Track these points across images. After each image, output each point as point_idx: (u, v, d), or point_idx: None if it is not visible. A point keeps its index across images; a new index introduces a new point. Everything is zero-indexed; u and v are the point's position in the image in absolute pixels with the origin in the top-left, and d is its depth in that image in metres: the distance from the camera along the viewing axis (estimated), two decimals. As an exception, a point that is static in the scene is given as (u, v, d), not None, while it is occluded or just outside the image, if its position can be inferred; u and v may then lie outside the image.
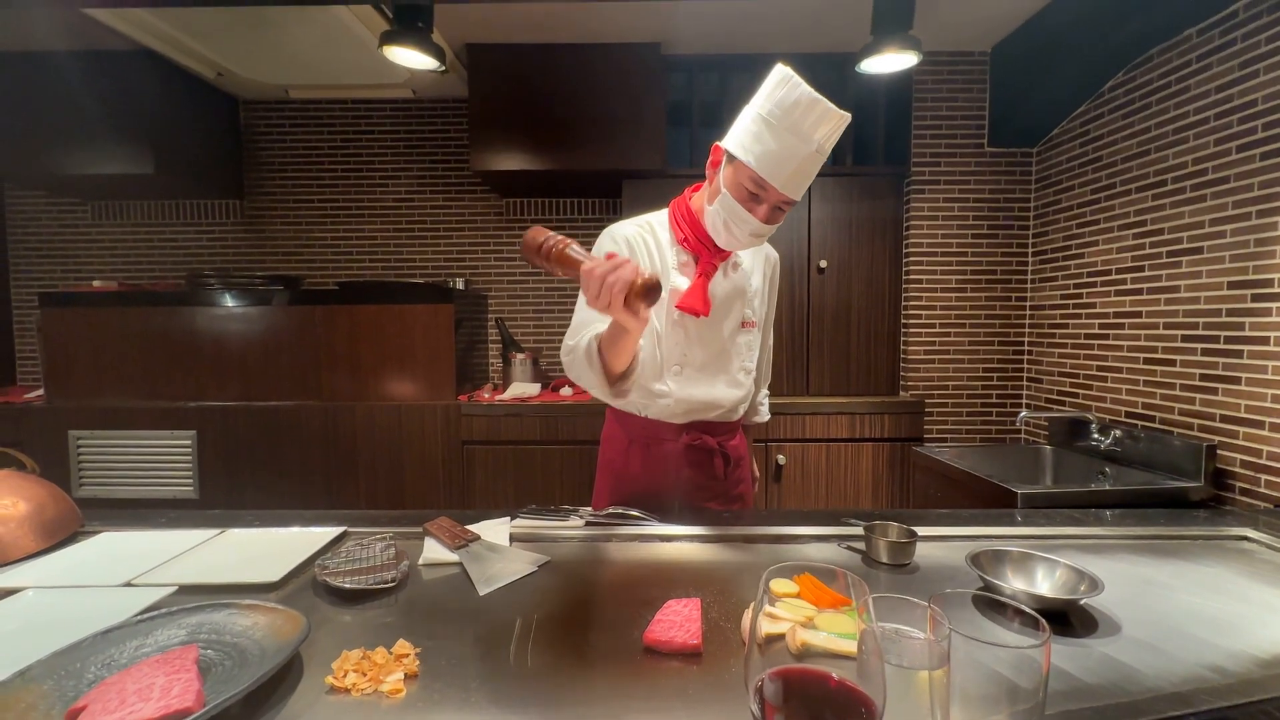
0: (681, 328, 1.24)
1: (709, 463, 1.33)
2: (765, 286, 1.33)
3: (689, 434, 1.31)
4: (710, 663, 0.74)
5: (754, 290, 1.29)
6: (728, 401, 1.29)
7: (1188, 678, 0.71)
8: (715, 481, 1.34)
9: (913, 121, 2.36)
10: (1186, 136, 1.68)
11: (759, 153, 1.05)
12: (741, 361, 1.29)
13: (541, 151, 2.32)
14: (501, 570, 1.01)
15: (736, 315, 1.27)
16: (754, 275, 1.29)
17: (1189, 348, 1.68)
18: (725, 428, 1.34)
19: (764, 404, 1.46)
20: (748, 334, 1.29)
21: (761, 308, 1.31)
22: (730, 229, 1.12)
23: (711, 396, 1.27)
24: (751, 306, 1.28)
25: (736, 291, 1.26)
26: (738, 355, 1.29)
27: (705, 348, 1.26)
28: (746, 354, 1.30)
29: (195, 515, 1.28)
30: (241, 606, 0.81)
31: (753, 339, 1.30)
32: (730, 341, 1.27)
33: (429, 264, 2.82)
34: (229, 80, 2.53)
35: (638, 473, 1.34)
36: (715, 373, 1.28)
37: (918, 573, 1.01)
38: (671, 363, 1.25)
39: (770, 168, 1.04)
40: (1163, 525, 1.23)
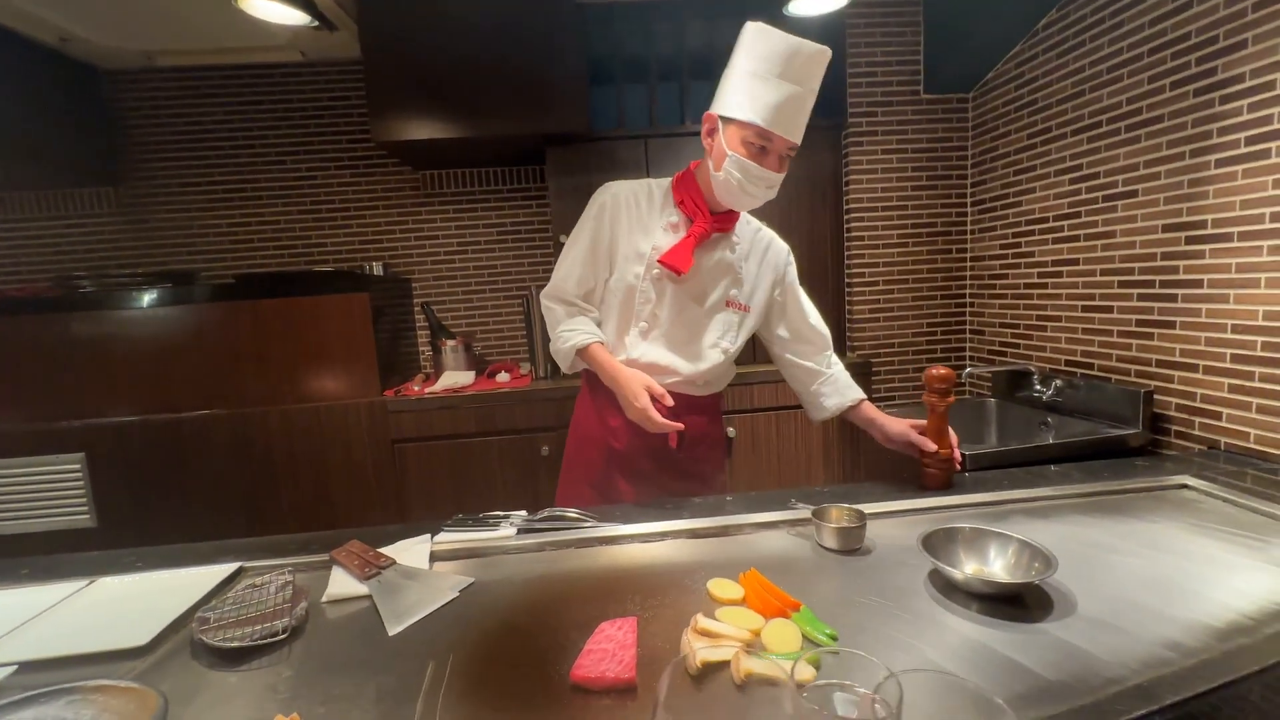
0: (658, 288, 1.23)
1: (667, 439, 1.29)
2: (772, 275, 1.30)
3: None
4: (646, 697, 0.66)
5: (748, 274, 1.27)
6: (685, 371, 1.26)
7: (1147, 660, 0.67)
8: (667, 452, 1.30)
9: (847, 70, 2.26)
10: (1120, 75, 1.64)
11: (758, 108, 1.07)
12: (716, 338, 1.27)
13: (450, 117, 2.11)
14: (417, 602, 0.90)
15: (722, 291, 1.25)
16: (750, 260, 1.28)
17: (1125, 293, 1.68)
18: (685, 400, 1.28)
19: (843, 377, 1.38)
20: (732, 314, 1.27)
21: (759, 296, 1.29)
22: (745, 188, 1.13)
23: (669, 361, 1.25)
24: (741, 289, 1.27)
25: (725, 267, 1.24)
26: (714, 330, 1.26)
27: (679, 313, 1.25)
28: (724, 332, 1.27)
29: (66, 562, 1.12)
30: (85, 691, 0.67)
31: (737, 321, 1.28)
32: (708, 314, 1.26)
33: (342, 248, 2.58)
34: (80, 47, 2.18)
35: (597, 434, 1.33)
36: (684, 341, 1.26)
37: (870, 556, 0.96)
38: (640, 319, 1.25)
39: (772, 118, 1.07)
40: (1106, 479, 1.22)
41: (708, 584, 0.88)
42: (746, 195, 1.15)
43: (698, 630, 0.74)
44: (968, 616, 0.78)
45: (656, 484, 1.34)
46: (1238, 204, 1.38)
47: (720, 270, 1.25)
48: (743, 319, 1.28)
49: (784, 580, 0.87)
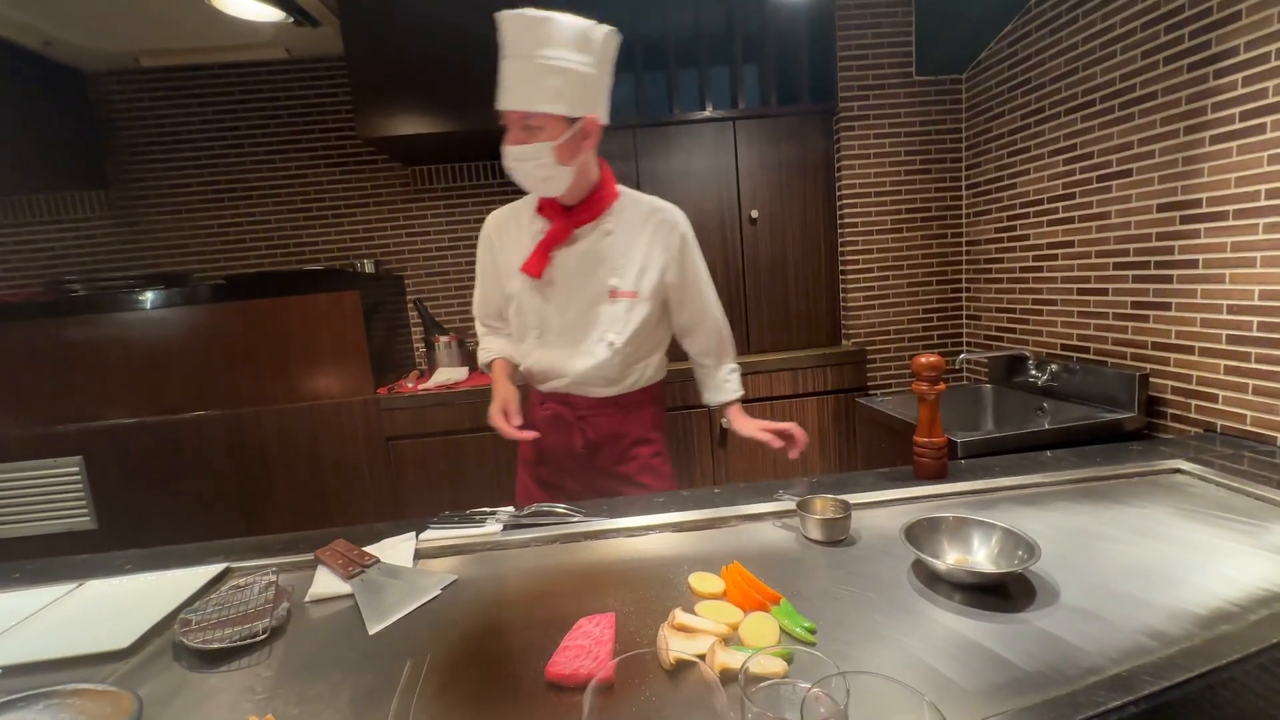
0: (539, 293, 1.25)
1: (568, 436, 1.31)
2: (664, 255, 1.26)
3: (549, 403, 1.33)
4: (623, 693, 0.65)
5: (632, 258, 1.24)
6: (574, 371, 1.26)
7: (1128, 649, 0.67)
8: (575, 457, 1.33)
9: (838, 53, 2.22)
10: (1113, 51, 1.60)
11: (499, 91, 1.10)
12: (603, 332, 1.25)
13: (435, 111, 2.09)
14: (399, 600, 0.90)
15: (598, 283, 1.23)
16: (636, 243, 1.24)
17: (1120, 275, 1.65)
18: (588, 402, 1.30)
19: (730, 381, 1.41)
20: (617, 304, 1.24)
21: (650, 278, 1.25)
22: (516, 173, 1.14)
23: (555, 364, 1.27)
24: (621, 276, 1.23)
25: (596, 259, 1.22)
26: (599, 325, 1.25)
27: (560, 314, 1.25)
28: (611, 325, 1.25)
29: (57, 565, 1.13)
30: (63, 695, 0.68)
31: (624, 310, 1.25)
32: (591, 309, 1.24)
33: (333, 246, 2.57)
34: (63, 50, 2.17)
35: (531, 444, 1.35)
36: (572, 341, 1.26)
37: (854, 547, 0.96)
38: (531, 328, 1.28)
39: (501, 97, 1.09)
40: (1099, 465, 1.21)
41: (689, 578, 0.87)
42: (524, 180, 1.15)
43: (675, 626, 0.74)
44: (949, 607, 0.77)
45: (583, 482, 1.36)
46: (1233, 181, 1.35)
47: (591, 262, 1.23)
48: (631, 306, 1.24)
49: (767, 573, 0.87)
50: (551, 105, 1.07)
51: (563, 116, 1.08)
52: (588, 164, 1.19)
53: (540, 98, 1.07)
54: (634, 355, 1.28)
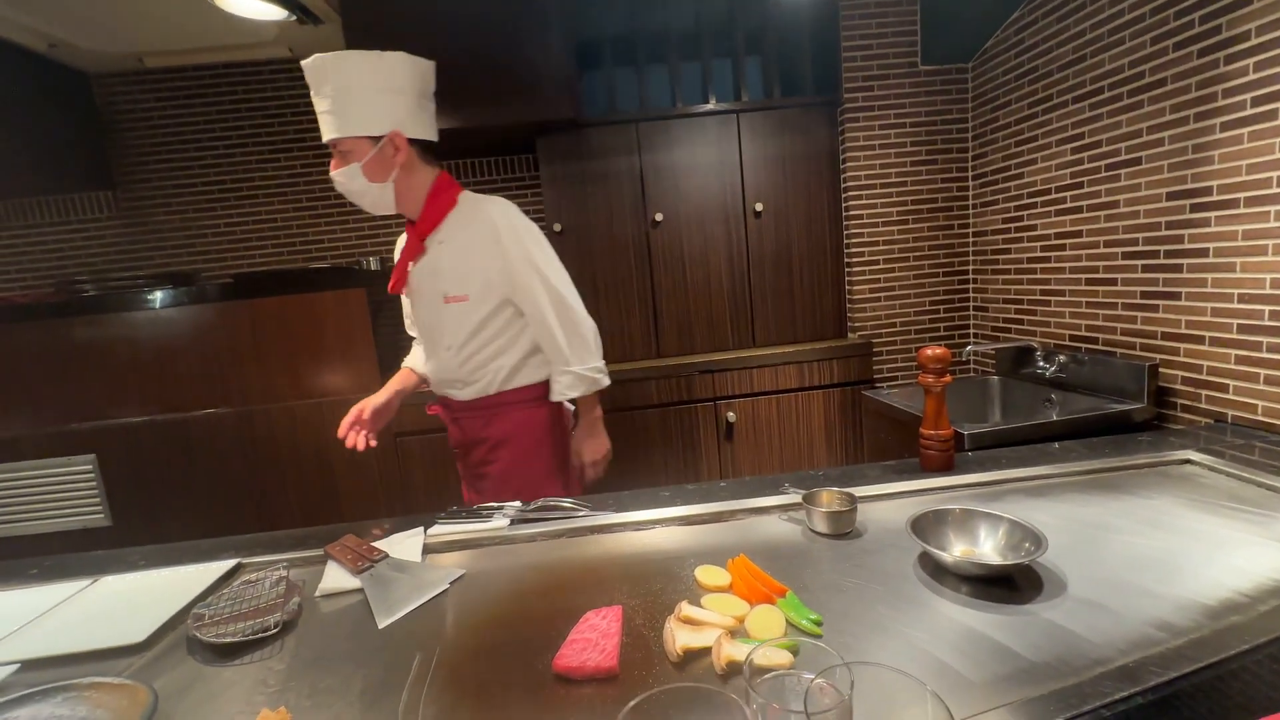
0: (412, 304, 1.41)
1: (450, 440, 1.46)
2: (485, 254, 1.28)
3: (437, 404, 1.46)
4: (628, 685, 0.66)
5: (456, 262, 1.29)
6: (431, 375, 1.40)
7: (1135, 641, 0.66)
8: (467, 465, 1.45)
9: (841, 43, 2.20)
10: (1122, 37, 1.58)
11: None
12: (445, 337, 1.32)
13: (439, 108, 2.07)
14: (408, 594, 0.91)
15: (435, 291, 1.30)
16: (462, 250, 1.29)
17: (1129, 265, 1.63)
18: (457, 404, 1.39)
19: (562, 379, 1.35)
20: (454, 309, 1.30)
21: (476, 280, 1.29)
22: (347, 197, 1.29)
23: (424, 371, 1.44)
24: (451, 280, 1.29)
25: (434, 268, 1.30)
26: (443, 331, 1.32)
27: (424, 325, 1.38)
28: (448, 330, 1.32)
29: (73, 561, 1.15)
30: (80, 689, 0.69)
31: (457, 314, 1.30)
32: (435, 317, 1.32)
33: (339, 245, 2.58)
34: (68, 52, 2.18)
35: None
36: (430, 347, 1.38)
37: (860, 539, 0.96)
38: (417, 337, 1.46)
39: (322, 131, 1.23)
40: (1107, 456, 1.20)
41: (695, 571, 0.88)
42: (357, 201, 1.28)
43: (681, 618, 0.74)
44: (956, 599, 0.77)
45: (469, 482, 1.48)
46: (1244, 168, 1.33)
47: (431, 271, 1.30)
48: (464, 310, 1.29)
49: (773, 566, 0.87)
50: (353, 129, 1.18)
51: (366, 137, 1.19)
52: (412, 178, 1.27)
53: (341, 125, 1.18)
54: (479, 358, 1.32)
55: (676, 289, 2.31)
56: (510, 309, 1.33)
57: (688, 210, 2.27)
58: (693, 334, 2.34)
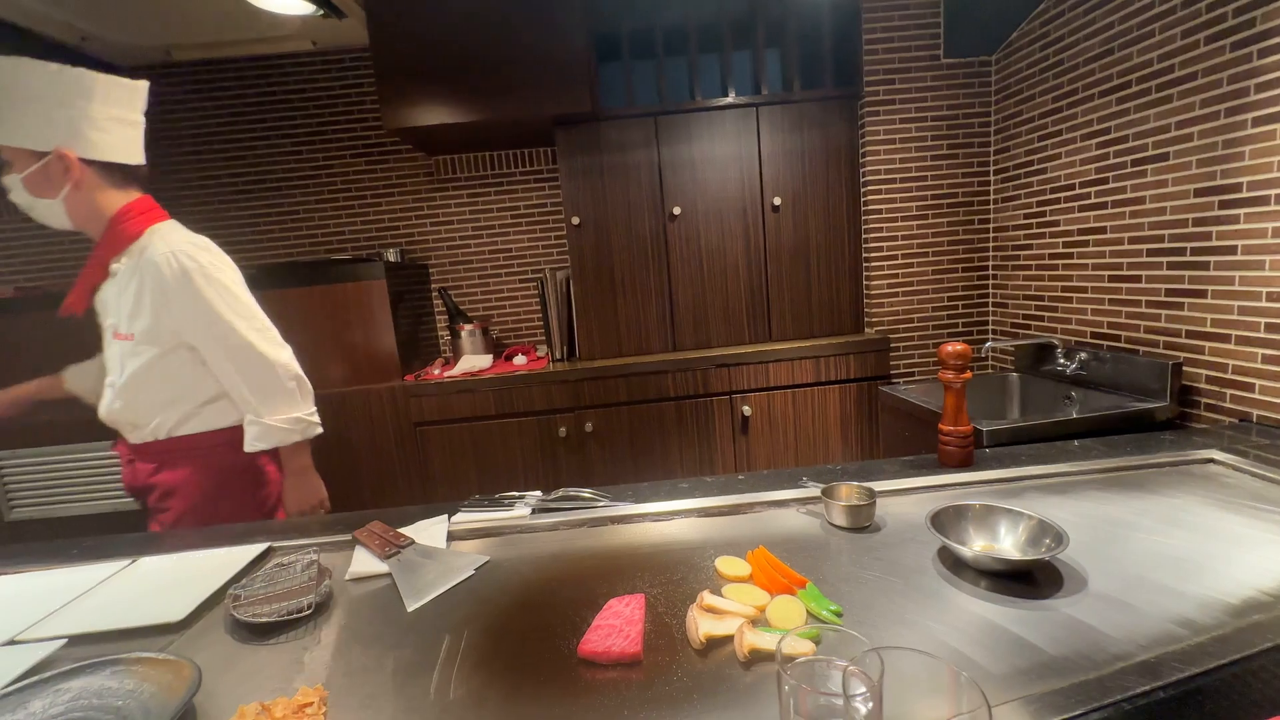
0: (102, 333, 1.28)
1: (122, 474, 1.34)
2: (153, 298, 1.18)
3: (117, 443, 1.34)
4: (651, 670, 0.68)
5: (126, 300, 1.21)
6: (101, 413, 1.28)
7: (1157, 637, 0.67)
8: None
9: (863, 36, 2.18)
10: (1152, 30, 1.55)
11: None
12: (110, 374, 1.25)
13: (459, 101, 2.11)
14: (434, 579, 0.93)
15: (105, 324, 1.26)
16: (131, 286, 1.20)
17: (1154, 262, 1.61)
18: (133, 448, 1.29)
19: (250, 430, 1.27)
20: (119, 346, 1.23)
21: (143, 321, 1.20)
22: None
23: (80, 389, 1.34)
24: (119, 317, 1.22)
25: (105, 300, 1.25)
26: (111, 367, 1.24)
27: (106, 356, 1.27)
28: (114, 367, 1.24)
29: (112, 543, 1.18)
30: (128, 663, 0.72)
31: (121, 353, 1.22)
32: (107, 349, 1.26)
33: (359, 236, 2.62)
34: (99, 45, 2.23)
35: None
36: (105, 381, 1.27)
37: (879, 534, 0.96)
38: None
39: None
40: (1129, 454, 1.19)
41: (715, 561, 0.89)
42: (26, 212, 1.19)
43: (703, 607, 0.76)
44: (975, 594, 0.78)
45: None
46: (1275, 165, 1.31)
47: (102, 304, 1.25)
48: (128, 350, 1.20)
49: (792, 558, 0.88)
50: (11, 139, 1.12)
51: (28, 150, 1.12)
52: (91, 198, 1.18)
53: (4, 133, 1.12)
54: (146, 402, 1.23)
55: (693, 282, 2.32)
56: (189, 353, 1.24)
57: (705, 204, 2.27)
58: (709, 328, 2.35)
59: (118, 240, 1.21)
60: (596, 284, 2.30)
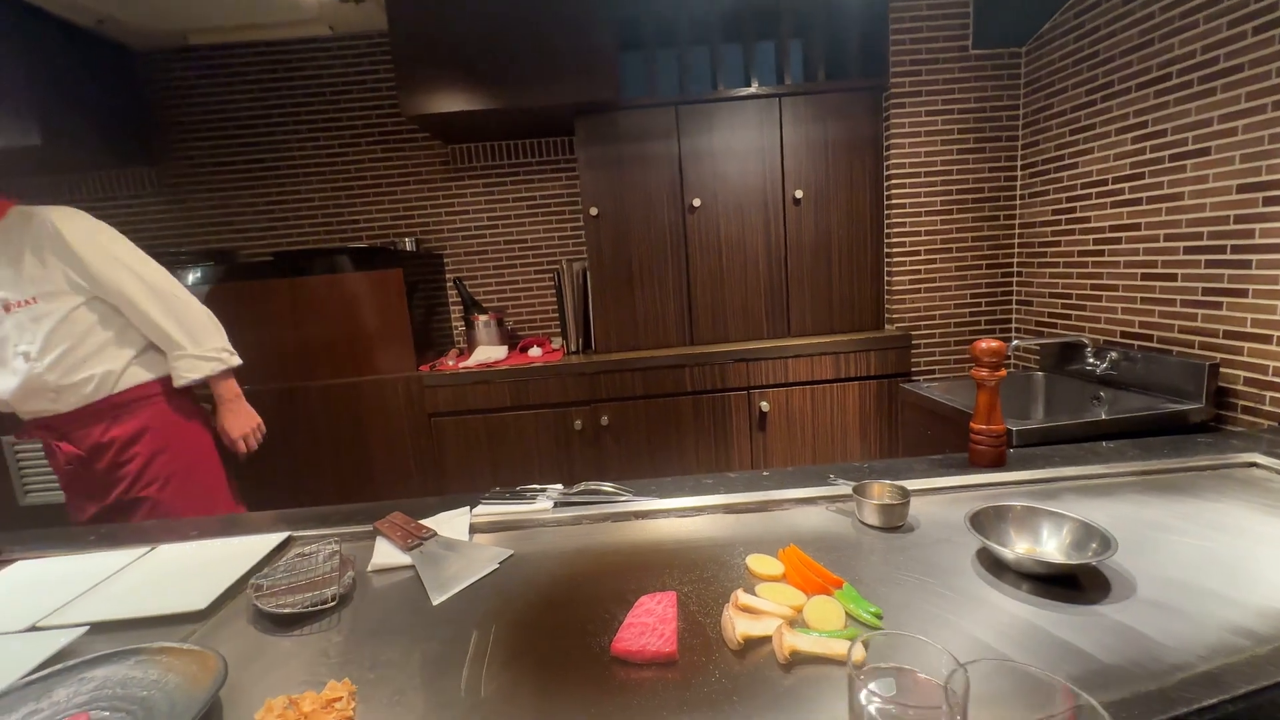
0: None
1: (57, 461, 1.34)
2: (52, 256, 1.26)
3: (31, 431, 1.34)
4: (687, 670, 0.66)
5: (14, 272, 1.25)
6: (10, 393, 1.28)
7: (1216, 646, 0.64)
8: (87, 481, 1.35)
9: (890, 25, 2.13)
10: (1196, 21, 1.51)
11: None
12: (15, 346, 1.27)
13: (478, 89, 2.08)
14: (459, 572, 0.91)
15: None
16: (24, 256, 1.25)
17: (1192, 260, 1.57)
18: (63, 419, 1.32)
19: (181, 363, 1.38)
20: (19, 314, 1.26)
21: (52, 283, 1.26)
22: None
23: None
24: (9, 287, 1.25)
25: None
26: (9, 341, 1.27)
27: None
28: (20, 335, 1.27)
29: (129, 530, 1.18)
30: (151, 653, 0.71)
31: (28, 317, 1.26)
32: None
33: (375, 224, 2.60)
34: (115, 28, 2.21)
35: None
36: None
37: (913, 534, 0.94)
38: None
39: None
40: (1166, 456, 1.16)
41: (746, 559, 0.87)
42: None
43: (739, 606, 0.74)
44: (1018, 596, 0.75)
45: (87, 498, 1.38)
46: (1325, 160, 1.27)
47: None
48: (34, 312, 1.26)
49: (824, 557, 0.86)
50: None
51: None
52: None
53: None
54: (72, 359, 1.29)
55: (712, 276, 2.28)
56: (102, 306, 1.31)
57: (726, 196, 2.24)
58: (727, 322, 2.32)
59: None
60: (614, 276, 2.27)
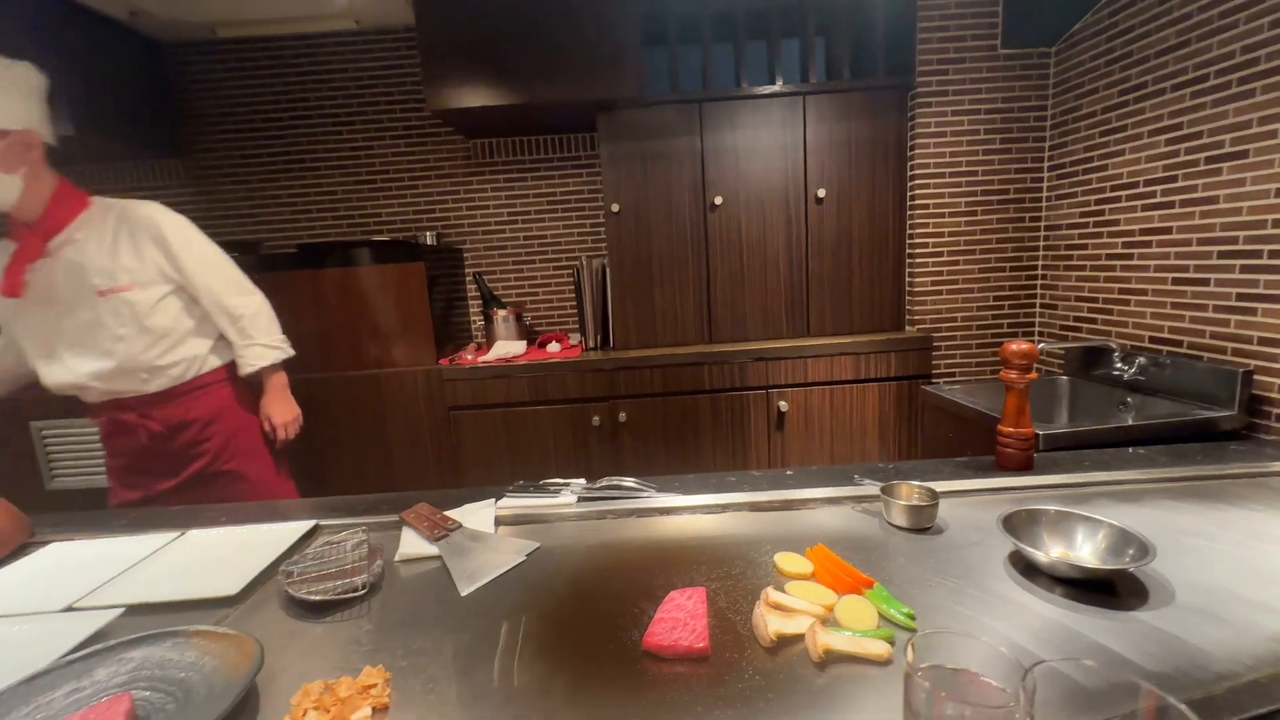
0: (26, 313, 1.32)
1: (139, 438, 1.41)
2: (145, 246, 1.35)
3: (105, 412, 1.40)
4: (719, 666, 0.66)
5: (116, 257, 1.33)
6: (98, 373, 1.34)
7: (1262, 656, 0.63)
8: (163, 458, 1.42)
9: (918, 23, 2.11)
10: (1236, 21, 1.48)
11: None
12: (113, 329, 1.34)
13: (503, 84, 2.08)
14: (485, 563, 0.92)
15: (81, 287, 1.31)
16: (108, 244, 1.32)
17: (1226, 264, 1.54)
18: (146, 399, 1.40)
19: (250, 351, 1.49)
20: (114, 300, 1.33)
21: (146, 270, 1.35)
22: None
23: (75, 376, 1.33)
24: (101, 275, 1.32)
25: (76, 266, 1.31)
26: (107, 325, 1.33)
27: (53, 326, 1.33)
28: (114, 320, 1.34)
29: (158, 515, 1.19)
30: (188, 635, 0.72)
31: (122, 302, 1.33)
32: (89, 314, 1.32)
33: (396, 218, 2.62)
34: (146, 21, 2.24)
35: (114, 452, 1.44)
36: (84, 347, 1.33)
37: (941, 536, 0.93)
38: (30, 350, 1.35)
39: None
40: (1199, 464, 1.14)
41: (775, 558, 0.87)
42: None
43: (770, 604, 0.74)
44: (1053, 601, 0.74)
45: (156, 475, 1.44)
46: (1370, 164, 1.24)
47: (74, 270, 1.31)
48: (129, 298, 1.33)
49: (852, 557, 0.85)
50: None
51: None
52: (38, 180, 1.28)
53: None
54: (171, 339, 1.39)
55: (732, 274, 2.28)
56: (185, 296, 1.41)
57: (748, 194, 2.23)
58: (746, 320, 2.31)
59: (63, 216, 1.32)
60: (634, 272, 2.27)
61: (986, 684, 0.40)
